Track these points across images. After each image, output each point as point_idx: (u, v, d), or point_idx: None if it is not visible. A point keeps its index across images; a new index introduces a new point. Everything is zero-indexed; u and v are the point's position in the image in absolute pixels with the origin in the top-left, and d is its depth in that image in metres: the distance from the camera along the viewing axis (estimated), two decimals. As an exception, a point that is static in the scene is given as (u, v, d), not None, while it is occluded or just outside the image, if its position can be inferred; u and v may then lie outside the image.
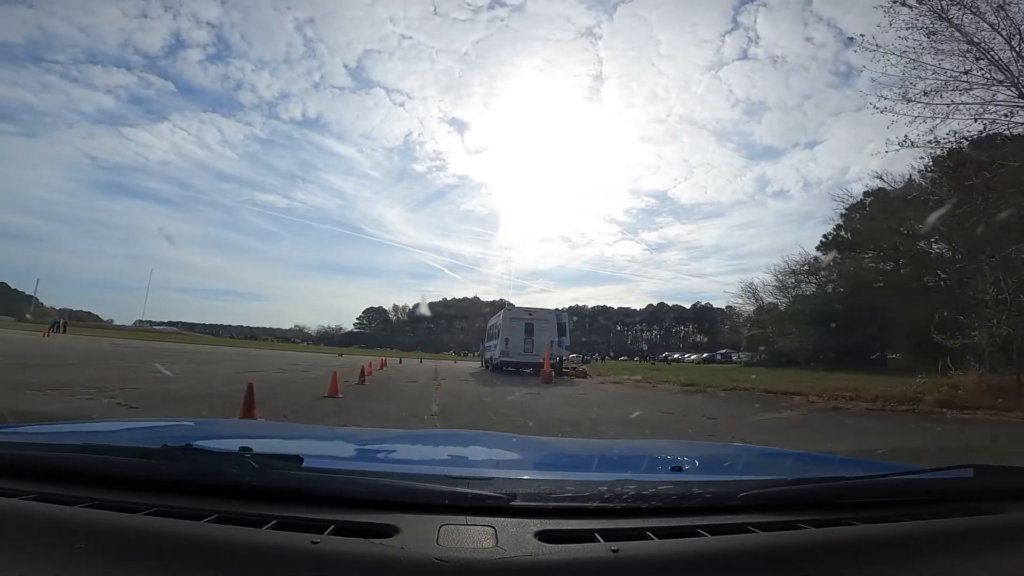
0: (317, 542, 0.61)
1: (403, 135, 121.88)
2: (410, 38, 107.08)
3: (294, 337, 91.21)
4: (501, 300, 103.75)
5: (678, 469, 1.17)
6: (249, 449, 0.81)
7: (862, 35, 11.26)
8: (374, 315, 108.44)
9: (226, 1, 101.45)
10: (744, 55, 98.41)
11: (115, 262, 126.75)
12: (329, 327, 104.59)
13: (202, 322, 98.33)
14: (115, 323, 75.71)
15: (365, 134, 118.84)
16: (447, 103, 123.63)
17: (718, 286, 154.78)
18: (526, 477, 1.00)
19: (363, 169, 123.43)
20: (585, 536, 0.67)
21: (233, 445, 0.94)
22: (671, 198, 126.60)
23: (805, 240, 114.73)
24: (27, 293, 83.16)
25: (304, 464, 0.77)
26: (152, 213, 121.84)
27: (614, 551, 0.63)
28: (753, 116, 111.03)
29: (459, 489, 0.74)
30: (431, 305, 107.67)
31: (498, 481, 0.81)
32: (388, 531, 0.64)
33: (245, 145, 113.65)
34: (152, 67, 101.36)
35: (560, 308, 19.61)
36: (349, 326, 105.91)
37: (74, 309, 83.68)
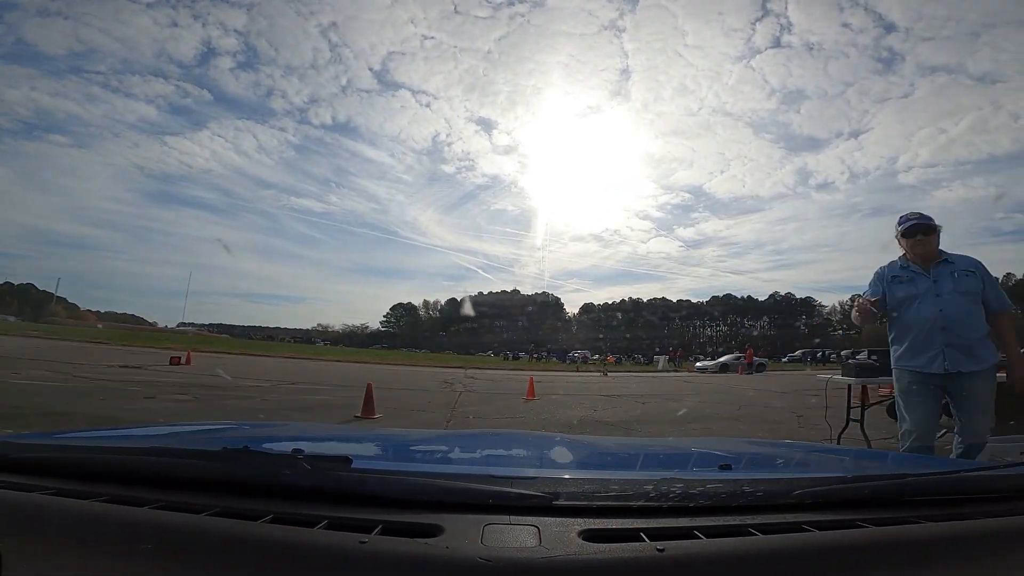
0: (365, 542, 0.61)
1: (431, 136, 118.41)
2: (432, 38, 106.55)
3: (315, 337, 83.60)
4: (545, 293, 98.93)
5: (727, 467, 1.07)
6: (301, 451, 0.79)
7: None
8: (402, 312, 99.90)
9: (251, 8, 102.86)
10: (777, 43, 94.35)
11: (165, 268, 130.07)
12: (354, 326, 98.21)
13: (241, 324, 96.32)
14: (159, 325, 75.55)
15: (393, 137, 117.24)
16: (473, 102, 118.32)
17: (757, 283, 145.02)
18: (569, 476, 0.95)
19: (395, 173, 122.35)
20: (630, 535, 0.65)
21: (286, 447, 0.93)
22: (707, 193, 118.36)
23: (852, 234, 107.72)
24: (54, 294, 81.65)
25: (353, 465, 0.77)
26: (199, 220, 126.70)
27: (660, 550, 0.61)
28: (791, 106, 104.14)
29: (503, 489, 0.73)
30: (467, 300, 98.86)
31: (541, 480, 0.80)
32: (433, 531, 0.64)
33: (280, 151, 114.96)
34: (187, 76, 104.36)
35: None
36: (376, 324, 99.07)
37: (118, 312, 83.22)
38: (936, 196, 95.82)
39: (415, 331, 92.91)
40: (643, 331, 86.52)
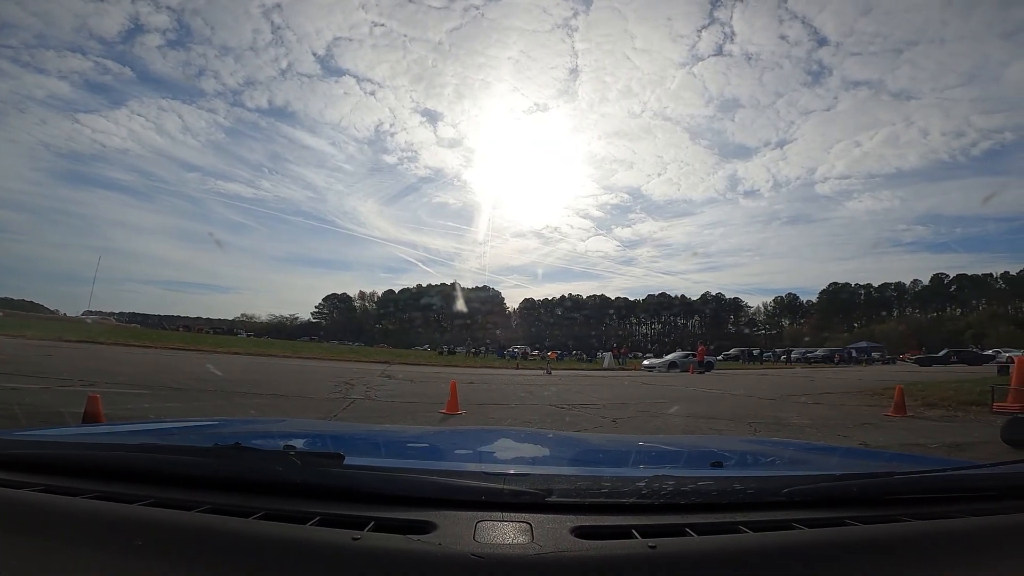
0: (358, 538, 0.62)
1: (374, 125, 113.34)
2: (382, 25, 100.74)
3: (238, 328, 78.30)
4: (485, 286, 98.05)
5: (718, 465, 1.12)
6: (293, 447, 0.80)
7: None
8: (336, 303, 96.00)
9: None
10: (719, 51, 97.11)
11: (73, 252, 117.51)
12: (282, 316, 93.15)
13: (157, 313, 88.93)
14: (60, 313, 68.29)
15: (334, 124, 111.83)
16: (419, 93, 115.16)
17: (688, 284, 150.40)
18: (562, 473, 0.98)
19: (335, 161, 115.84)
20: (622, 532, 0.66)
21: (278, 443, 0.92)
22: (644, 195, 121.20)
23: (771, 240, 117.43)
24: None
25: (345, 462, 0.77)
26: (112, 202, 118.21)
27: (651, 547, 0.62)
28: (726, 113, 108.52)
29: (495, 485, 0.74)
30: (405, 292, 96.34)
31: (534, 477, 0.81)
32: (426, 527, 0.65)
33: (209, 133, 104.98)
34: (109, 52, 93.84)
35: None
36: (308, 315, 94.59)
37: (15, 299, 75.74)
38: (847, 207, 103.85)
39: (349, 323, 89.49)
40: (582, 328, 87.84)
